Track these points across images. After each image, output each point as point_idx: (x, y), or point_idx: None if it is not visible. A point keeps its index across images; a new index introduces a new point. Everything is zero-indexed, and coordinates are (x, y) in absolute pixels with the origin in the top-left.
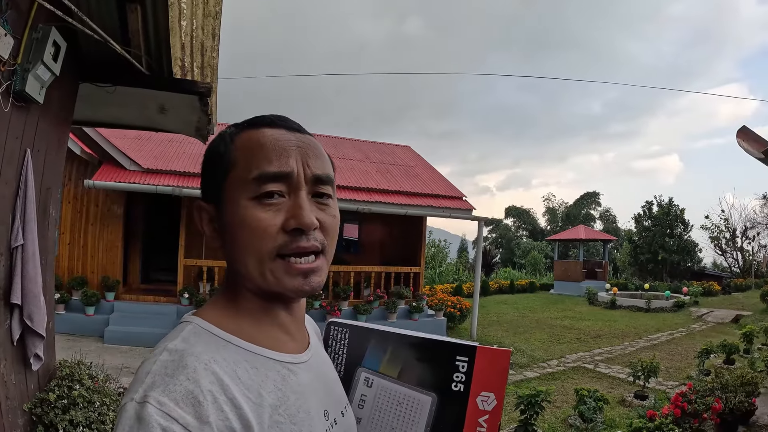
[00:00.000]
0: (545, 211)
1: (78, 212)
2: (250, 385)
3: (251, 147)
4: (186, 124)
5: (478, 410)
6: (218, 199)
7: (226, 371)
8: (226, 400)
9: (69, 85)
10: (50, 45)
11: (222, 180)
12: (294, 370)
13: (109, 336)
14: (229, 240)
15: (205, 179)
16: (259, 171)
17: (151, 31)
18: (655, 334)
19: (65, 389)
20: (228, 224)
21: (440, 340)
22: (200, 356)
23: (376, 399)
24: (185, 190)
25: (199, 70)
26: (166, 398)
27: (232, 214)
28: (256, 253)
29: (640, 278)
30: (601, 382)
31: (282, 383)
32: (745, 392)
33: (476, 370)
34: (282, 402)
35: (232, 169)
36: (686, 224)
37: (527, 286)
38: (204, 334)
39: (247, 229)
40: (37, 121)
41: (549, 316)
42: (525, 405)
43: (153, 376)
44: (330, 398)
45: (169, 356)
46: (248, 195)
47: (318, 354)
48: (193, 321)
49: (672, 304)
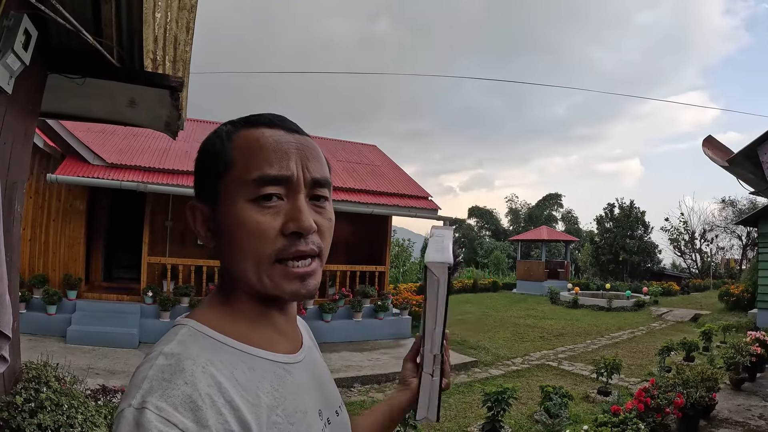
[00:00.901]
0: (508, 211)
1: (39, 207)
2: (248, 387)
3: (250, 147)
4: (155, 119)
5: None
6: (214, 199)
7: (223, 374)
8: (224, 403)
9: (38, 76)
10: (21, 33)
11: (218, 180)
12: (290, 370)
13: (72, 336)
14: (226, 242)
15: (200, 178)
16: (259, 173)
17: (124, 22)
18: (617, 333)
19: (32, 392)
20: (224, 226)
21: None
22: (197, 359)
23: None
24: (150, 186)
25: (171, 64)
26: (164, 403)
27: (230, 216)
28: (254, 257)
29: (601, 278)
30: (565, 379)
31: (279, 384)
32: (706, 388)
33: None
34: (279, 402)
35: (230, 168)
36: (647, 226)
37: (490, 285)
38: (200, 336)
39: (245, 232)
40: (5, 112)
41: (512, 315)
42: (492, 402)
43: (150, 381)
44: (324, 398)
45: (165, 360)
46: (246, 196)
47: (311, 354)
48: (188, 323)
49: (633, 304)
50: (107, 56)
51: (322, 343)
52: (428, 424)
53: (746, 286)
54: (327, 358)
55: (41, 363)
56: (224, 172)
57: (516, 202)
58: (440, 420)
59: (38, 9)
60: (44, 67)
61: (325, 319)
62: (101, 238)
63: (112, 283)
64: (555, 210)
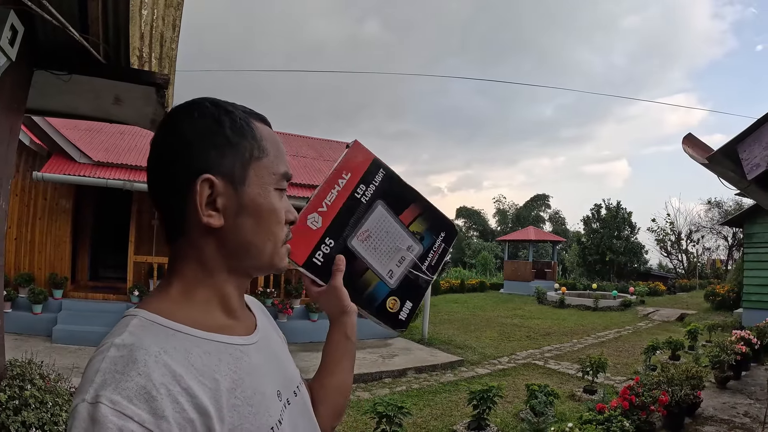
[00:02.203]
0: (496, 212)
1: (25, 206)
2: (204, 371)
3: (273, 142)
4: (141, 116)
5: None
6: (239, 178)
7: (178, 361)
8: (180, 391)
9: (24, 72)
10: (8, 29)
11: (251, 161)
12: (246, 352)
13: (58, 335)
14: (250, 222)
15: (217, 154)
16: (285, 169)
17: (110, 19)
18: (603, 332)
19: (16, 389)
20: (253, 208)
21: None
22: (149, 349)
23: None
24: (136, 185)
25: (157, 61)
26: (118, 396)
27: (263, 200)
28: (275, 239)
29: (588, 278)
30: (551, 378)
31: (235, 365)
32: (691, 386)
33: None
34: (237, 384)
35: (262, 157)
36: (633, 227)
37: (477, 285)
38: (151, 326)
39: (273, 217)
40: None
41: (499, 315)
42: (477, 400)
43: (103, 374)
44: (282, 378)
45: (117, 352)
46: (274, 186)
47: (267, 334)
48: (139, 314)
49: (619, 303)
50: (94, 53)
51: (309, 342)
52: (414, 422)
53: (732, 286)
54: (312, 358)
55: (26, 361)
56: (258, 158)
57: (504, 203)
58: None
59: (25, 5)
60: (30, 64)
61: (312, 319)
62: (87, 237)
63: (99, 283)
64: (542, 211)
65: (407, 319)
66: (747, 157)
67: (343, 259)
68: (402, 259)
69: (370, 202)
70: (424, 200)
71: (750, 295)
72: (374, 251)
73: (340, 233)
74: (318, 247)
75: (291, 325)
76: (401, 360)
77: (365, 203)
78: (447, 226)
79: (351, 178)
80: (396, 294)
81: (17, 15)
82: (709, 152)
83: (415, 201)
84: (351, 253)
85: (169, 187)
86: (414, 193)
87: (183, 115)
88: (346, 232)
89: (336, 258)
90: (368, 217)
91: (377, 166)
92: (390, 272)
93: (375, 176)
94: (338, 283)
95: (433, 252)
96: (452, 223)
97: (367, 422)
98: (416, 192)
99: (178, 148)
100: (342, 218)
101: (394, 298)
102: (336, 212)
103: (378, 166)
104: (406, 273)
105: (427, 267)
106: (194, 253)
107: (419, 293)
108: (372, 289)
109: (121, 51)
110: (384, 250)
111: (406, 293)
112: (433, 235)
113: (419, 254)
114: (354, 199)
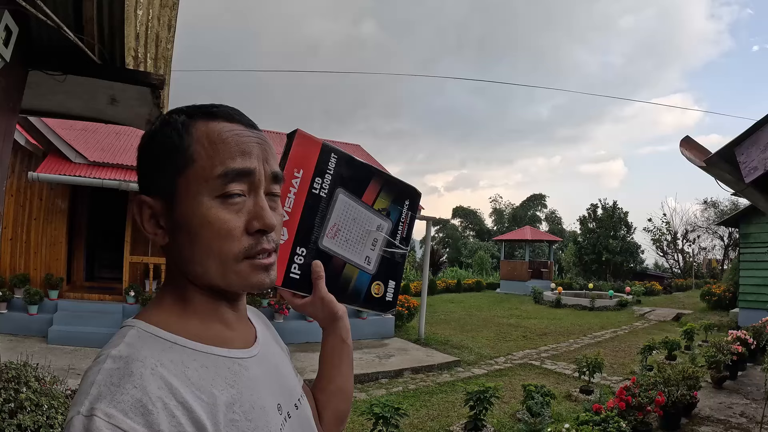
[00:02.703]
0: (492, 211)
1: (21, 206)
2: (201, 386)
3: (213, 141)
4: (137, 117)
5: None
6: (169, 194)
7: (174, 374)
8: (176, 405)
9: (18, 73)
10: (2, 29)
11: (176, 174)
12: (245, 365)
13: (53, 336)
14: (185, 240)
15: (151, 171)
16: (224, 168)
17: (105, 19)
18: (600, 332)
19: (12, 392)
20: (185, 224)
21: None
22: (146, 361)
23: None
24: (132, 185)
25: (152, 62)
26: (113, 409)
27: (192, 214)
28: (220, 256)
29: (584, 278)
30: (548, 378)
31: (234, 380)
32: (687, 386)
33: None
34: (235, 399)
35: (190, 163)
36: (629, 227)
37: (474, 285)
38: (148, 337)
39: (211, 230)
40: None
41: (496, 315)
42: (474, 401)
43: (98, 386)
44: (283, 391)
45: (113, 364)
46: (210, 193)
47: (268, 347)
48: (136, 325)
49: (615, 303)
50: (88, 53)
51: (305, 342)
52: (410, 423)
53: (728, 286)
54: (309, 358)
55: (21, 363)
56: (184, 167)
57: (500, 203)
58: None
59: (19, 5)
60: (25, 64)
61: (307, 319)
62: (83, 237)
63: (94, 283)
64: (539, 210)
65: (394, 298)
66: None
67: (320, 264)
68: (375, 241)
69: (330, 194)
70: (381, 173)
71: (746, 295)
72: (347, 243)
73: (309, 238)
74: (291, 261)
75: (287, 326)
76: (397, 360)
77: (325, 196)
78: (409, 193)
79: (304, 175)
80: (377, 278)
81: (12, 15)
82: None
83: (372, 177)
84: (326, 255)
85: None
86: (370, 170)
87: (145, 135)
88: (315, 234)
89: (313, 265)
90: (332, 210)
91: (327, 152)
92: (367, 258)
93: (328, 164)
94: (323, 293)
95: (402, 223)
96: (413, 189)
97: (364, 423)
98: (371, 167)
99: (137, 167)
100: (306, 221)
101: (377, 283)
102: (299, 217)
103: (328, 151)
104: (382, 254)
105: (400, 240)
106: (169, 267)
107: (398, 270)
108: (355, 283)
109: (116, 51)
110: (355, 239)
111: (387, 274)
112: (398, 207)
113: (389, 230)
114: (313, 196)
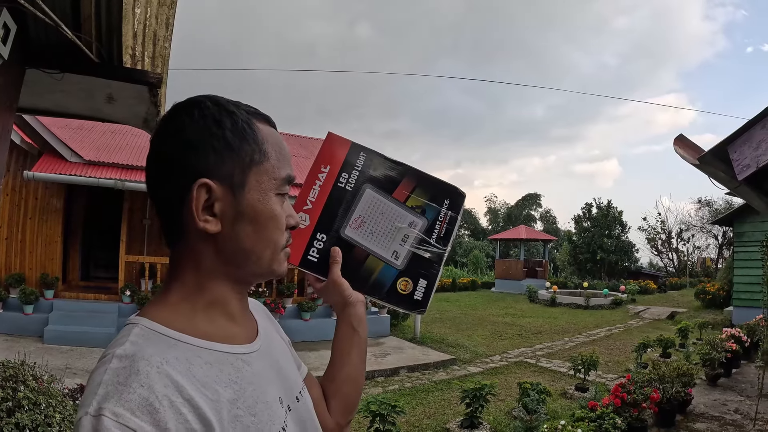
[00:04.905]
0: (487, 211)
1: (16, 205)
2: (206, 382)
3: (276, 145)
4: (134, 116)
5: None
6: (239, 184)
7: (180, 371)
8: (183, 402)
9: (15, 71)
10: (0, 27)
11: (251, 166)
12: (248, 361)
13: (49, 336)
14: (250, 229)
15: (223, 156)
16: (287, 173)
17: (103, 17)
18: (594, 330)
19: (9, 391)
20: (253, 214)
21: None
22: (151, 359)
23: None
24: (128, 184)
25: (150, 60)
26: (121, 408)
27: (263, 206)
28: (274, 245)
29: (579, 277)
30: (543, 376)
31: (237, 376)
32: (682, 383)
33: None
34: (239, 395)
35: (263, 161)
36: (624, 226)
37: (469, 284)
38: (152, 335)
39: (273, 223)
40: None
41: (491, 314)
42: (470, 398)
43: (105, 386)
44: (284, 385)
45: (119, 363)
46: (275, 191)
47: (269, 340)
48: (140, 322)
49: (610, 302)
50: (86, 52)
51: (301, 341)
52: (407, 420)
53: (722, 285)
54: (306, 356)
55: (18, 362)
56: (259, 162)
57: (495, 202)
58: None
59: (17, 3)
60: (22, 62)
61: (304, 318)
62: (78, 236)
63: (90, 283)
64: (534, 210)
65: (424, 298)
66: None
67: (338, 250)
68: (405, 237)
69: (357, 188)
70: (417, 171)
71: (740, 294)
72: (371, 235)
73: (331, 225)
74: (311, 244)
75: (283, 325)
76: (393, 359)
77: (351, 190)
78: (450, 192)
79: (331, 170)
80: (406, 274)
81: (9, 13)
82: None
83: (406, 175)
84: (347, 243)
85: (166, 189)
86: (403, 168)
87: (183, 115)
88: (337, 223)
89: (331, 250)
90: (358, 203)
91: (357, 151)
92: (395, 253)
93: (356, 161)
94: (336, 276)
95: (440, 222)
96: (456, 188)
97: (361, 421)
98: (406, 166)
99: (177, 149)
100: (330, 211)
101: (405, 279)
102: (322, 207)
103: (357, 150)
104: (413, 250)
105: (436, 239)
106: (193, 259)
107: (433, 269)
108: (378, 275)
109: (113, 49)
110: (382, 233)
111: (418, 271)
112: (436, 205)
113: (424, 228)
114: (338, 189)
